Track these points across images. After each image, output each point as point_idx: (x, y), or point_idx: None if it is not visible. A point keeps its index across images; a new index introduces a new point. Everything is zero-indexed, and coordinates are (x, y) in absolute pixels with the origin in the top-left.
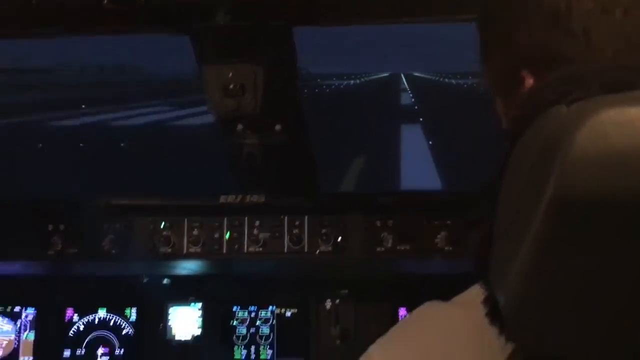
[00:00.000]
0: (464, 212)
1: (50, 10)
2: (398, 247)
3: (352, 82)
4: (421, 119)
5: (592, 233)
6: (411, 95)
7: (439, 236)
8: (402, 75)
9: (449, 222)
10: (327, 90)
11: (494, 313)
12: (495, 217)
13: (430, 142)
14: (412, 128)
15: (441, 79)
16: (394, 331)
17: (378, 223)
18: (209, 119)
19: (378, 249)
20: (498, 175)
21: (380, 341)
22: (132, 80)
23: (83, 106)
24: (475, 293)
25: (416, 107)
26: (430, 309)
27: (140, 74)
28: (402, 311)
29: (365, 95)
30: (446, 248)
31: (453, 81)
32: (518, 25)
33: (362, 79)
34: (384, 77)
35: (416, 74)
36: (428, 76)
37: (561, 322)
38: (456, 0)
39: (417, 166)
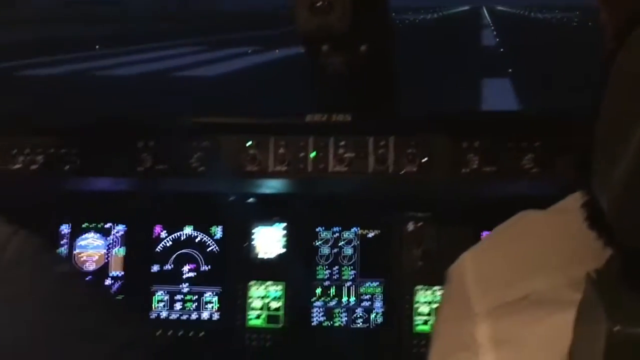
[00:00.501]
0: (555, 133)
1: None
2: (484, 169)
3: (429, 15)
4: (503, 53)
5: None
6: (493, 29)
7: (526, 158)
8: (484, 8)
9: (537, 143)
10: (403, 23)
11: (594, 217)
12: (598, 126)
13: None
14: (493, 59)
15: (524, 12)
16: (488, 237)
17: (464, 144)
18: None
19: (463, 170)
20: (599, 86)
21: (474, 247)
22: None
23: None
24: (572, 202)
25: (497, 40)
26: (525, 217)
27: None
28: (485, 235)
29: (443, 29)
30: (533, 169)
31: (538, 14)
32: None
33: (440, 13)
34: (464, 10)
35: (499, 7)
36: (510, 9)
37: None
38: None
39: (497, 90)
